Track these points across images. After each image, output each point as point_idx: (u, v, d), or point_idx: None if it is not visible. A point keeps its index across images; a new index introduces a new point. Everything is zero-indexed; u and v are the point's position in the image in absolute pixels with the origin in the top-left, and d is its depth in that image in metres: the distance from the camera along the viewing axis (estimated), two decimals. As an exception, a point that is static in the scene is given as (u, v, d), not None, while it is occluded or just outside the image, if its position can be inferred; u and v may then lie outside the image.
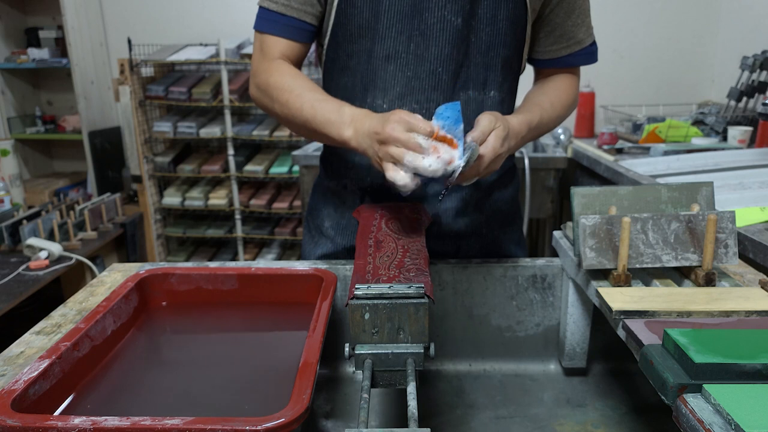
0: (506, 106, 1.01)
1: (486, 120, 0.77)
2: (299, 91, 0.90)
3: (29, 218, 2.35)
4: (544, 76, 1.06)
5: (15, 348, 0.74)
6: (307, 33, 0.97)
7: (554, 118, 0.98)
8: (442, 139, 0.73)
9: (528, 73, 1.09)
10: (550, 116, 0.96)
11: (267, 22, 0.96)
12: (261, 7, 0.96)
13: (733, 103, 2.30)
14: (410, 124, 0.73)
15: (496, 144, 0.76)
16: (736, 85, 2.29)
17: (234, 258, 3.20)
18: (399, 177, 0.73)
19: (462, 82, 0.96)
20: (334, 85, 1.02)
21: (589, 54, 1.02)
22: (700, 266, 0.70)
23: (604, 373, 0.93)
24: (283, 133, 2.96)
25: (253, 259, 3.12)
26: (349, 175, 1.06)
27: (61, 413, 0.58)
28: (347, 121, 0.82)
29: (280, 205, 3.03)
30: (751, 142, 2.06)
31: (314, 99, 0.88)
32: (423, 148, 0.72)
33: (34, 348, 0.74)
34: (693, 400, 0.46)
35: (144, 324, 0.82)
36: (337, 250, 1.08)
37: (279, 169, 3.00)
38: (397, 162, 0.73)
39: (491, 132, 0.77)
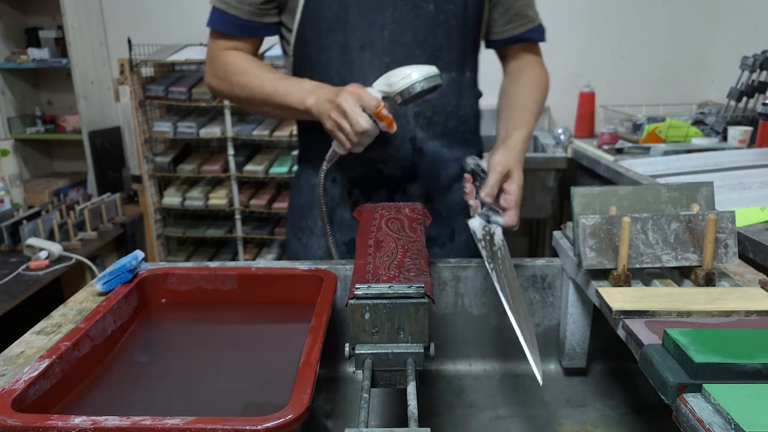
0: (474, 85, 1.09)
1: (494, 179, 0.85)
2: (257, 72, 0.98)
3: (29, 218, 2.35)
4: (506, 55, 1.12)
5: (15, 348, 0.74)
6: (264, 29, 1.02)
7: (540, 112, 1.04)
8: (382, 117, 0.84)
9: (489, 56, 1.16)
10: (536, 114, 1.02)
11: (221, 22, 1.00)
12: (214, 8, 0.99)
13: (733, 103, 2.30)
14: (360, 97, 0.83)
15: (518, 198, 0.87)
16: (736, 85, 2.29)
17: (234, 258, 3.20)
18: (339, 149, 0.90)
19: (442, 65, 0.97)
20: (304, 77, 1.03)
21: (541, 31, 1.09)
22: (700, 266, 0.70)
23: (604, 373, 0.93)
24: (283, 133, 2.96)
25: (253, 259, 3.12)
26: (337, 169, 1.06)
27: (61, 413, 0.58)
28: (309, 90, 0.91)
29: (280, 205, 3.03)
30: (751, 142, 2.06)
31: (273, 77, 0.96)
32: (361, 124, 0.83)
33: (35, 348, 0.74)
34: (693, 400, 0.46)
35: (144, 324, 0.82)
36: (338, 245, 1.08)
37: (279, 169, 3.00)
38: (339, 128, 0.85)
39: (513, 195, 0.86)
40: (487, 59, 1.16)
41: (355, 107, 0.82)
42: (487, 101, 1.17)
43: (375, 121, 0.85)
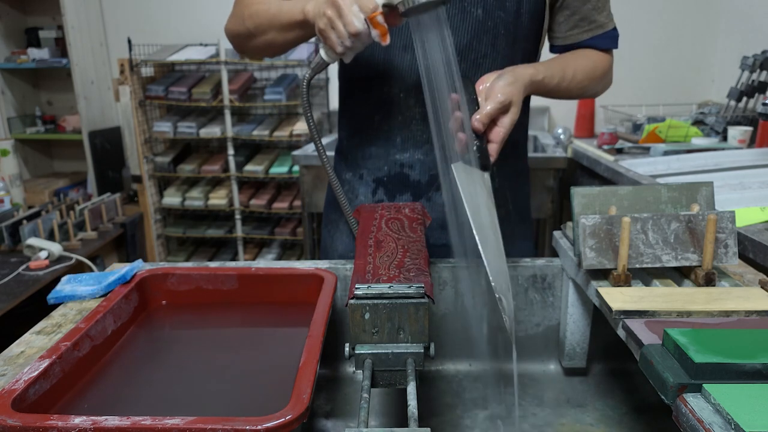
0: (526, 99, 1.03)
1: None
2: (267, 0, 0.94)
3: (29, 218, 2.35)
4: None
5: (15, 348, 0.74)
6: None
7: (576, 83, 0.96)
8: (376, 24, 0.77)
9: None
10: (569, 75, 0.94)
11: None
12: None
13: (733, 103, 2.30)
14: None
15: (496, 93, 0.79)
16: (736, 85, 2.29)
17: (234, 258, 3.20)
18: (328, 56, 0.84)
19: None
20: (348, 75, 1.02)
21: (612, 38, 1.01)
22: (700, 266, 0.70)
23: (604, 373, 0.93)
24: (283, 133, 2.96)
25: (253, 259, 3.12)
26: (366, 165, 1.06)
27: (61, 413, 0.58)
28: None
29: (280, 205, 3.03)
30: (751, 142, 2.06)
31: (281, 1, 0.92)
32: (355, 24, 0.76)
33: (35, 348, 0.74)
34: (693, 400, 0.46)
35: (144, 324, 0.83)
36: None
37: (279, 169, 3.01)
38: (331, 28, 0.79)
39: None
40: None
41: (351, 6, 0.77)
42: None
43: (369, 27, 0.78)
